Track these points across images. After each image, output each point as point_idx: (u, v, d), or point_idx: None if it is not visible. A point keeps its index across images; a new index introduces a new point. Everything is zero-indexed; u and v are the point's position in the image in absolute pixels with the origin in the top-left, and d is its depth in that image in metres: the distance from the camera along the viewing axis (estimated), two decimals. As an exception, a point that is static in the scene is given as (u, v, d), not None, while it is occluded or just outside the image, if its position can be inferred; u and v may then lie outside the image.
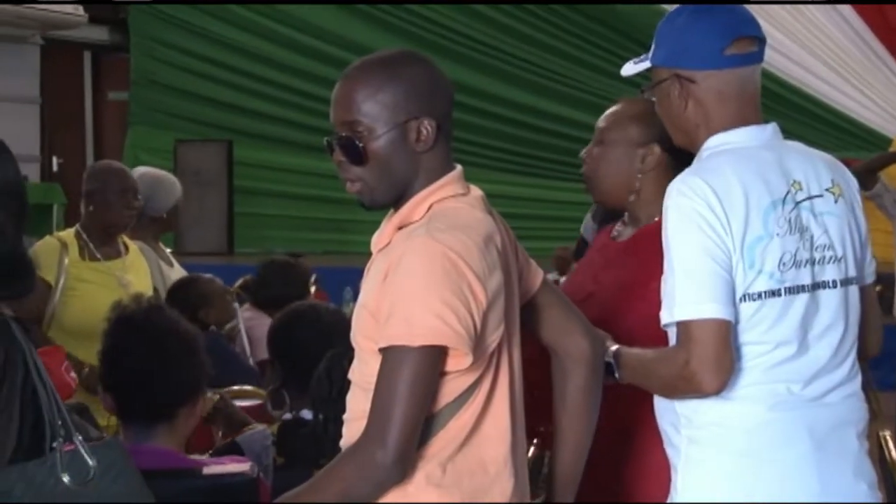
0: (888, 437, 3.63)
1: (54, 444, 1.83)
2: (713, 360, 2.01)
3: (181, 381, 2.37)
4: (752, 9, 2.31)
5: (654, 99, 2.31)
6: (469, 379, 1.96)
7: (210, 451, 2.82)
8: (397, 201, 2.05)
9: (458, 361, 1.92)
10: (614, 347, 2.23)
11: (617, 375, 2.21)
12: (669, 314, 2.07)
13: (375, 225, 2.12)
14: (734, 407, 2.09)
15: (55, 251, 4.11)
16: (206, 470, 2.22)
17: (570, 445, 2.21)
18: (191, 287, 4.59)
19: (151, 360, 2.37)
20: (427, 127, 2.00)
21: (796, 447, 2.09)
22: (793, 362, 2.09)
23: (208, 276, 4.89)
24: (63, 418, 1.87)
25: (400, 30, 12.92)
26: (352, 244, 10.93)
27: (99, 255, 4.19)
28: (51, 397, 1.88)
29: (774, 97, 11.09)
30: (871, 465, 2.20)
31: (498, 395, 2.02)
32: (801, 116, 11.74)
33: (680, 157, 2.48)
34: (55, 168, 14.91)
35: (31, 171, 14.73)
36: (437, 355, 1.90)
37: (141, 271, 4.33)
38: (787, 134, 2.38)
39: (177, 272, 4.89)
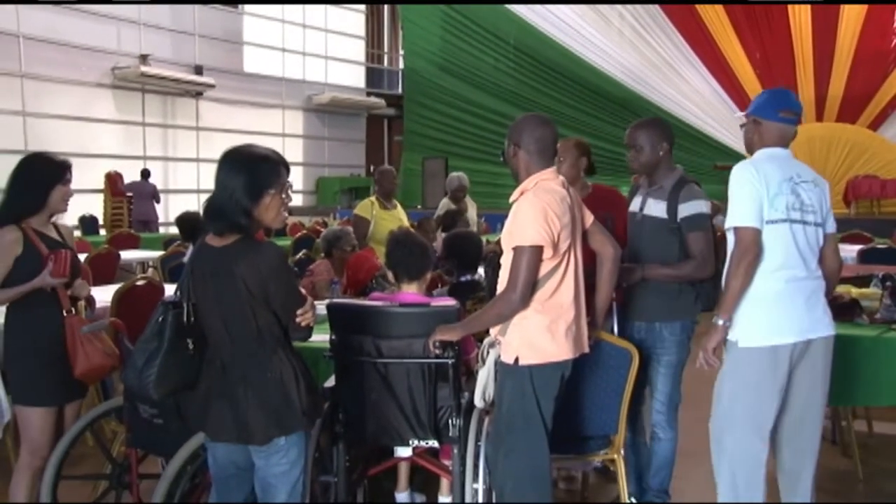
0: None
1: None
2: (750, 247, 1.87)
3: (422, 261, 2.22)
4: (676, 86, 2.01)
5: (743, 128, 2.07)
6: (554, 262, 1.87)
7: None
8: (522, 180, 1.95)
9: (547, 252, 1.84)
10: (720, 322, 1.91)
11: (721, 322, 1.89)
12: (729, 222, 1.92)
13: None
14: (769, 282, 1.91)
15: (370, 205, 4.10)
16: (433, 303, 2.10)
17: (602, 296, 2.05)
18: (425, 222, 4.57)
19: (408, 252, 2.23)
20: (515, 150, 1.93)
21: (797, 300, 1.92)
22: (794, 258, 1.92)
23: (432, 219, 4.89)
24: None
25: (531, 103, 12.17)
26: (503, 203, 10.48)
27: (388, 207, 4.18)
28: None
29: (680, 133, 10.04)
30: (829, 309, 2.00)
31: (569, 271, 1.91)
32: (686, 142, 10.73)
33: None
34: (372, 170, 15.28)
35: (362, 172, 15.17)
36: (538, 250, 1.83)
37: (403, 216, 4.30)
38: (690, 152, 2.10)
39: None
